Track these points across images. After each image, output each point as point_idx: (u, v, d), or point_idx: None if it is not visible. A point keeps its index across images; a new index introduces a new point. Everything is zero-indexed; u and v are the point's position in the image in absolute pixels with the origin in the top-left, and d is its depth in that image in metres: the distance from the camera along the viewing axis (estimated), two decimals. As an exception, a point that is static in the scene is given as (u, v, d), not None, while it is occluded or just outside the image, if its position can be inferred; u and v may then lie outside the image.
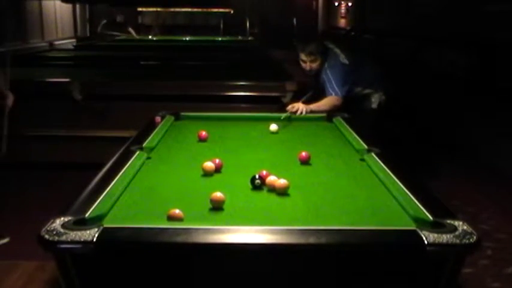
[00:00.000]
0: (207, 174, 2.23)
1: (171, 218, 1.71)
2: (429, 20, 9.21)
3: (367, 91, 3.94)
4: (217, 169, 2.28)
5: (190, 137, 2.96)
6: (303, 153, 2.47)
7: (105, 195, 1.86)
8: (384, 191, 2.06)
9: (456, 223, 1.62)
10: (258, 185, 2.03)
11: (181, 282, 1.59)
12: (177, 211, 1.73)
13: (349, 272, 1.59)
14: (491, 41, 6.72)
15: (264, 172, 2.10)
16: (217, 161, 2.31)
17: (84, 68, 5.89)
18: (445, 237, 1.53)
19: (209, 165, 2.25)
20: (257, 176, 2.03)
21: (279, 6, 18.13)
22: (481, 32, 7.13)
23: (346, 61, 3.81)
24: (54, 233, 1.52)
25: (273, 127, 3.11)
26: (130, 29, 12.24)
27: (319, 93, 3.86)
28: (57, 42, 10.65)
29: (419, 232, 1.55)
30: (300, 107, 3.55)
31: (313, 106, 3.63)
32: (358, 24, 14.10)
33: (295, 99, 4.07)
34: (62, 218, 1.61)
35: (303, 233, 1.56)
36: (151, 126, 3.07)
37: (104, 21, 12.39)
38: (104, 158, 2.35)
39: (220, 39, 11.88)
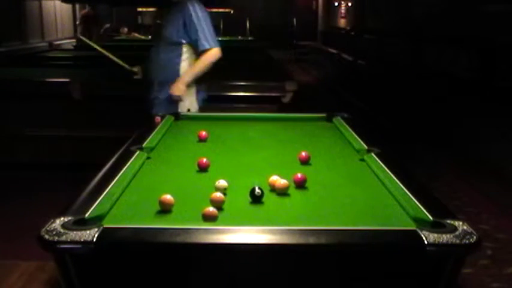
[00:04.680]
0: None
1: (207, 216, 1.72)
2: (429, 20, 9.21)
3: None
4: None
5: (190, 137, 2.96)
6: (303, 154, 2.46)
7: (105, 195, 1.86)
8: (384, 191, 2.05)
9: (456, 223, 1.62)
10: (259, 195, 1.98)
11: (181, 282, 1.59)
12: (210, 209, 1.74)
13: (349, 272, 1.58)
14: (491, 41, 6.72)
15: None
16: (204, 160, 2.31)
17: (84, 68, 5.89)
18: (445, 237, 1.53)
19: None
20: (257, 188, 1.96)
21: (279, 6, 18.14)
22: (481, 32, 7.13)
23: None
24: (54, 233, 1.52)
25: (222, 183, 2.02)
26: (135, 34, 12.27)
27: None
28: (57, 42, 10.66)
29: (419, 232, 1.55)
30: (175, 90, 3.35)
31: (188, 75, 3.39)
32: (358, 24, 14.11)
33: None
34: (62, 218, 1.61)
35: (303, 233, 1.56)
36: (151, 126, 3.07)
37: (107, 25, 12.45)
38: (104, 158, 2.35)
39: (220, 39, 11.88)
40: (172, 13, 3.44)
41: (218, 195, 1.87)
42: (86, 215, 1.67)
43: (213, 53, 3.43)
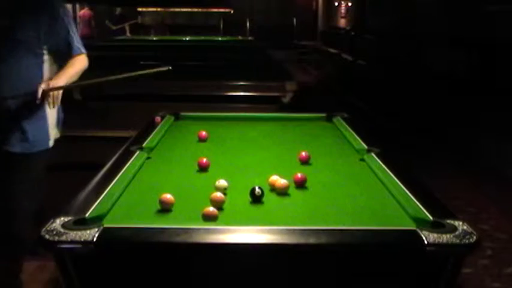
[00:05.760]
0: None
1: (207, 216, 1.72)
2: (429, 20, 9.22)
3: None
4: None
5: (190, 137, 2.96)
6: (303, 153, 2.46)
7: (105, 195, 1.86)
8: (384, 191, 2.05)
9: (456, 223, 1.62)
10: (259, 195, 1.97)
11: (181, 282, 1.59)
12: (210, 209, 1.74)
13: (349, 272, 1.58)
14: (492, 41, 6.73)
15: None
16: (204, 160, 2.31)
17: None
18: (445, 237, 1.53)
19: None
20: (257, 188, 1.95)
21: (279, 6, 18.14)
22: (481, 32, 7.14)
23: None
24: (54, 233, 1.52)
25: (222, 183, 2.03)
26: (126, 25, 12.27)
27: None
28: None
29: (419, 232, 1.55)
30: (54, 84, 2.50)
31: (62, 79, 2.55)
32: (358, 24, 14.10)
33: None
34: (62, 218, 1.61)
35: (303, 233, 1.56)
36: (151, 126, 3.08)
37: (106, 21, 12.50)
38: (104, 158, 2.35)
39: (220, 39, 11.88)
40: (19, 10, 2.48)
41: (218, 195, 1.87)
42: (86, 215, 1.67)
43: (86, 60, 2.70)
